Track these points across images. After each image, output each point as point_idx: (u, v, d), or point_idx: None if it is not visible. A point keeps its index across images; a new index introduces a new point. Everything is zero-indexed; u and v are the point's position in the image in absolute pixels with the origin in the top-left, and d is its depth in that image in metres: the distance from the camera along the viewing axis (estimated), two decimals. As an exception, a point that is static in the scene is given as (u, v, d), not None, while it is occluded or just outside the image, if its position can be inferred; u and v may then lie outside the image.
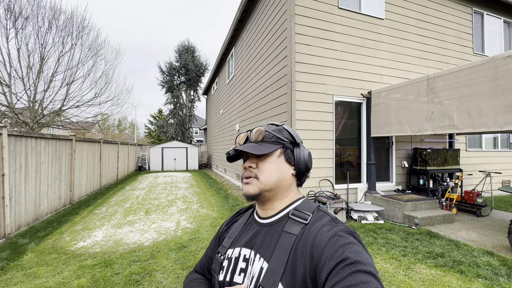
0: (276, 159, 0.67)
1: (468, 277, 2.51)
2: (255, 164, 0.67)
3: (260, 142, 0.67)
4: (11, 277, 2.64)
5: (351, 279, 0.46)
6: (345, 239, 0.53)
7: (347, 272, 0.47)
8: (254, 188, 0.65)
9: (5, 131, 3.63)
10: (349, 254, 0.49)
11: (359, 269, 0.47)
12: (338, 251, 0.50)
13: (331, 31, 5.00)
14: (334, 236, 0.54)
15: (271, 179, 0.65)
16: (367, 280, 0.46)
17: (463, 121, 3.46)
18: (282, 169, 0.67)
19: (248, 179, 0.66)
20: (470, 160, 6.38)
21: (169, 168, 15.16)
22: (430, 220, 4.17)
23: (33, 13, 8.29)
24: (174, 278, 2.59)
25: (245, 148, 0.66)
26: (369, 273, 0.47)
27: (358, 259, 0.48)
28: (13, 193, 3.84)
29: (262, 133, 0.68)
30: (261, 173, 0.65)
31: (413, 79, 4.19)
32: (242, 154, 0.71)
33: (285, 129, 0.71)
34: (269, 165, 0.66)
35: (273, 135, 0.68)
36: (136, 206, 5.84)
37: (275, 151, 0.67)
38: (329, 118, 4.93)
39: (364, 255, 0.50)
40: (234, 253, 0.68)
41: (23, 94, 8.59)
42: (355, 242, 0.53)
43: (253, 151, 0.64)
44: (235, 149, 0.68)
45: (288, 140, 0.69)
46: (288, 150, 0.69)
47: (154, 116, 32.94)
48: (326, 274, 0.49)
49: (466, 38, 6.39)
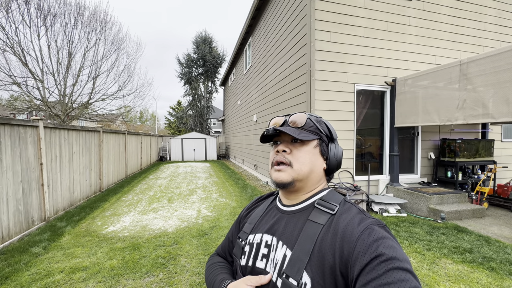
0: (312, 149, 0.65)
1: (500, 275, 2.39)
2: (289, 149, 0.65)
3: (299, 128, 0.65)
4: (53, 256, 2.91)
5: (388, 277, 0.44)
6: (378, 233, 0.51)
7: (383, 269, 0.45)
8: (287, 176, 0.63)
9: (41, 123, 3.92)
10: (384, 250, 0.48)
11: (396, 266, 0.45)
12: (372, 246, 0.49)
13: (353, 15, 4.75)
14: (366, 229, 0.52)
15: (305, 168, 0.63)
16: (405, 278, 0.44)
17: (499, 109, 3.19)
18: (316, 161, 0.65)
19: (281, 165, 0.64)
20: (505, 151, 5.91)
21: (189, 158, 15.62)
22: (458, 214, 3.97)
23: (60, 10, 8.70)
24: (197, 263, 2.72)
25: (287, 129, 0.63)
26: (406, 271, 0.45)
27: (394, 255, 0.47)
28: (50, 181, 4.18)
29: (304, 119, 0.66)
30: (296, 161, 0.63)
31: (444, 65, 3.90)
32: (273, 137, 0.69)
33: (323, 122, 0.69)
34: (304, 154, 0.64)
35: (313, 124, 0.66)
36: (160, 194, 6.12)
37: (312, 140, 0.66)
38: (350, 107, 4.77)
39: (399, 250, 0.49)
40: (255, 239, 0.68)
41: (55, 89, 9.17)
42: (388, 236, 0.51)
43: (295, 134, 0.62)
44: (275, 128, 0.65)
45: (325, 133, 0.68)
46: (324, 143, 0.67)
47: (173, 108, 33.81)
48: (359, 269, 0.48)
49: (508, 17, 5.78)
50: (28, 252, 2.98)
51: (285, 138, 0.67)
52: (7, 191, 3.21)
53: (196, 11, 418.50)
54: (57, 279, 2.43)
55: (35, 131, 3.81)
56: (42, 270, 2.59)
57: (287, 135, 0.66)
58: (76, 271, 2.56)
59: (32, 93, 8.80)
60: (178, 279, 2.44)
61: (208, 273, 0.76)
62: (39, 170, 3.89)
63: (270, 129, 0.66)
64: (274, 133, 0.67)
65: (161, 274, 2.52)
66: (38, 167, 3.86)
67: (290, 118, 0.67)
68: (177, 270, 2.59)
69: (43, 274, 2.52)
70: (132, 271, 2.56)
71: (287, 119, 0.68)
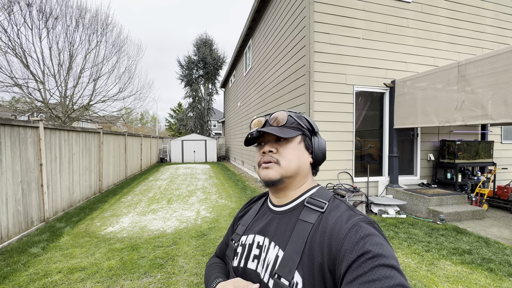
0: (296, 145, 0.66)
1: (499, 276, 2.38)
2: (275, 149, 0.65)
3: (282, 126, 0.65)
4: (51, 256, 2.92)
5: (373, 274, 0.45)
6: (365, 229, 0.51)
7: (369, 266, 0.46)
8: (275, 173, 0.63)
9: (41, 124, 3.94)
10: (370, 247, 0.48)
11: (382, 263, 0.46)
12: (359, 243, 0.49)
13: (352, 17, 4.77)
14: (354, 226, 0.52)
15: (292, 165, 0.64)
16: (390, 274, 0.44)
17: (498, 110, 3.19)
18: (302, 156, 0.66)
19: (268, 163, 0.64)
20: (505, 153, 5.90)
21: (189, 160, 15.63)
22: (457, 215, 3.96)
23: (62, 13, 8.78)
24: (195, 264, 2.72)
25: (270, 130, 0.63)
26: (391, 267, 0.46)
27: (380, 252, 0.47)
28: (50, 181, 4.19)
29: (285, 116, 0.66)
30: (283, 158, 0.64)
31: (442, 66, 3.91)
32: (257, 138, 0.70)
33: (303, 117, 0.70)
34: (290, 151, 0.65)
35: (294, 120, 0.67)
36: (159, 195, 6.12)
37: (296, 136, 0.66)
38: (349, 109, 4.78)
39: (386, 247, 0.49)
40: (248, 240, 0.68)
41: (55, 90, 9.22)
42: (375, 233, 0.51)
43: (279, 133, 0.62)
44: (258, 130, 0.65)
45: (307, 127, 0.68)
46: (307, 138, 0.68)
47: (174, 110, 33.89)
48: (346, 267, 0.48)
49: (506, 19, 5.81)
50: (26, 252, 2.98)
51: (269, 138, 0.67)
52: (6, 192, 3.22)
53: (197, 14, 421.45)
54: (55, 279, 2.43)
55: (35, 132, 3.83)
56: (40, 270, 2.59)
57: (271, 135, 0.67)
58: (74, 272, 2.56)
59: (33, 95, 8.85)
60: (176, 279, 2.44)
61: (206, 273, 0.78)
62: (39, 170, 3.90)
63: (253, 131, 0.66)
64: (258, 135, 0.67)
65: (159, 274, 2.52)
66: (38, 167, 3.88)
67: (271, 117, 0.67)
68: (175, 270, 2.59)
69: (41, 274, 2.52)
70: (130, 272, 2.56)
71: (268, 119, 0.68)
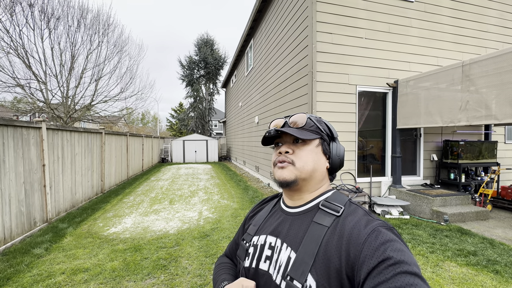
0: (314, 148, 0.65)
1: (505, 278, 2.35)
2: (292, 150, 0.65)
3: (300, 128, 0.65)
4: (54, 257, 2.91)
5: (396, 281, 0.43)
6: (385, 235, 0.50)
7: (391, 273, 0.44)
8: (290, 174, 0.63)
9: (44, 125, 3.94)
10: (391, 253, 0.46)
11: (404, 270, 0.44)
12: (379, 249, 0.48)
13: (355, 17, 4.75)
14: (373, 231, 0.51)
15: (307, 167, 0.63)
16: (414, 282, 0.43)
17: (503, 110, 3.17)
18: (318, 160, 0.65)
19: (283, 163, 0.64)
20: (509, 153, 5.86)
21: (190, 160, 15.63)
22: (461, 216, 3.93)
23: (63, 13, 8.79)
24: (198, 265, 2.71)
25: (288, 130, 0.64)
26: (414, 275, 0.44)
27: (402, 258, 0.46)
28: (52, 182, 4.19)
29: (305, 119, 0.66)
30: (298, 160, 0.63)
31: (446, 66, 3.88)
32: (274, 139, 0.70)
33: (323, 122, 0.69)
34: (307, 153, 0.64)
35: (314, 123, 0.67)
36: (161, 196, 6.12)
37: (314, 139, 0.66)
38: (351, 109, 4.76)
39: (407, 253, 0.47)
40: (259, 241, 0.68)
41: (57, 91, 9.25)
42: (395, 239, 0.50)
43: (296, 134, 0.62)
44: (277, 129, 0.65)
45: (326, 132, 0.68)
46: (325, 142, 0.67)
47: (175, 110, 33.91)
48: (366, 273, 0.46)
49: (511, 18, 5.76)
50: (30, 253, 2.98)
51: (287, 139, 0.67)
52: (9, 192, 3.22)
53: (197, 14, 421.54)
54: (59, 281, 2.43)
55: (37, 133, 3.83)
56: (44, 272, 2.59)
57: (288, 136, 0.67)
58: (77, 273, 2.56)
59: (35, 95, 8.88)
60: (179, 281, 2.43)
61: (214, 273, 0.78)
62: (42, 171, 3.90)
63: (271, 130, 0.66)
64: (276, 134, 0.67)
65: (162, 276, 2.51)
66: (41, 168, 3.88)
67: (291, 119, 0.67)
68: (178, 272, 2.58)
69: (45, 276, 2.52)
70: (133, 273, 2.55)
71: (288, 120, 0.68)
